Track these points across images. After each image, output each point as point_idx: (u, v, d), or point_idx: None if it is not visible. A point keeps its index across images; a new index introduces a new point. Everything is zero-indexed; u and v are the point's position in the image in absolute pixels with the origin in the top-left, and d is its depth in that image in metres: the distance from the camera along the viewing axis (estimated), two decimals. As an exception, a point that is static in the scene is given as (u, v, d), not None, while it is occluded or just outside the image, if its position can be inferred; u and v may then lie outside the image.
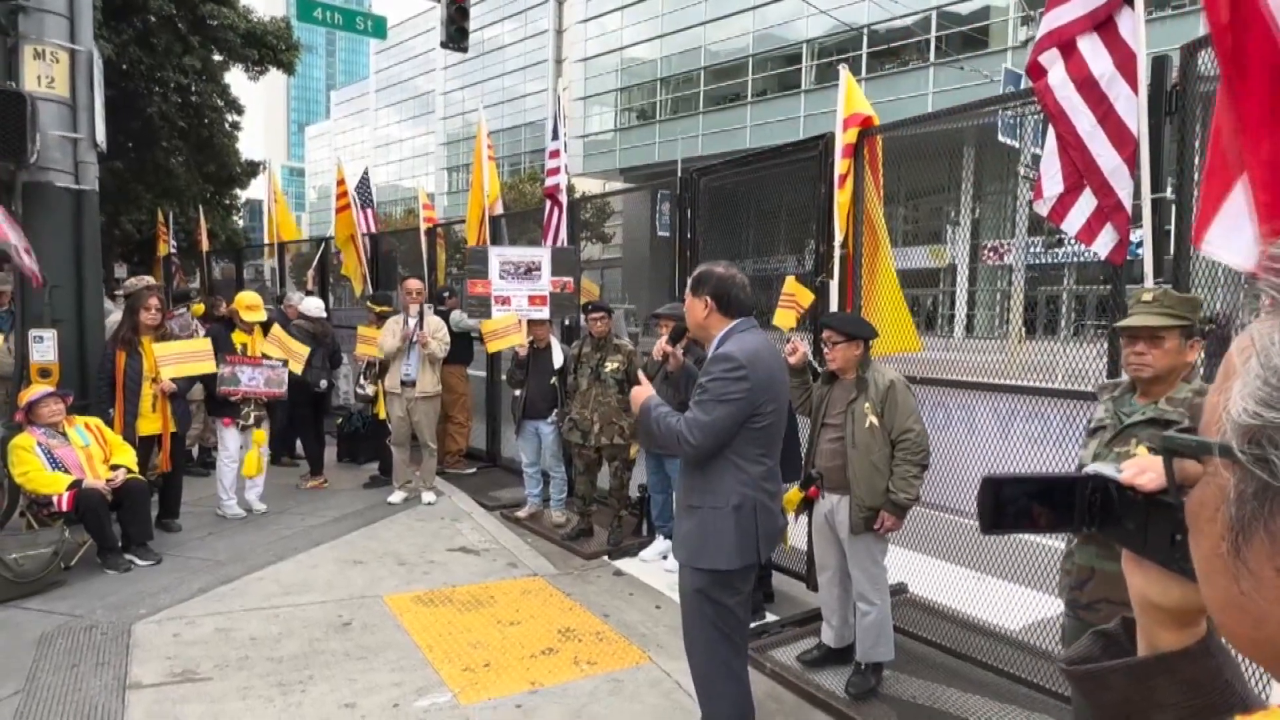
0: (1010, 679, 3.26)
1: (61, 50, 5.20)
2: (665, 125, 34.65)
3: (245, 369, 5.49)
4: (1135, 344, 2.20)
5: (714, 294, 2.53)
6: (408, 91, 62.78)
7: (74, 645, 3.54)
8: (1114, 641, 0.64)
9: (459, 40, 10.10)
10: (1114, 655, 0.62)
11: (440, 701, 3.11)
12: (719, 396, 2.40)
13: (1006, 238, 13.51)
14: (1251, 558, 0.40)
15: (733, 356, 2.42)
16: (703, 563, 2.50)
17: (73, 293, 5.34)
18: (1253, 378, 0.38)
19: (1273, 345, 0.38)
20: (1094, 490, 0.61)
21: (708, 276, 2.56)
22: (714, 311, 2.54)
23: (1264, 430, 0.37)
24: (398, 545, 5.01)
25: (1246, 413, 0.38)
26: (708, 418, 2.40)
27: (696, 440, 2.41)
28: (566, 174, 6.43)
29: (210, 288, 12.39)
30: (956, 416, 3.58)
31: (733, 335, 2.53)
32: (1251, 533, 0.39)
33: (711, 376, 2.43)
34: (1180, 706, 0.55)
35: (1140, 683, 0.57)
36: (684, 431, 2.42)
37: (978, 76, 20.06)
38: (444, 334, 5.88)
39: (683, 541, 2.57)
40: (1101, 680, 0.60)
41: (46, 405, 4.53)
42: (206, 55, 15.54)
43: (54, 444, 4.49)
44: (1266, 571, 0.39)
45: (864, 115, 3.79)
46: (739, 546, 2.48)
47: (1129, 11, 2.64)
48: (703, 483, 2.51)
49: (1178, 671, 0.56)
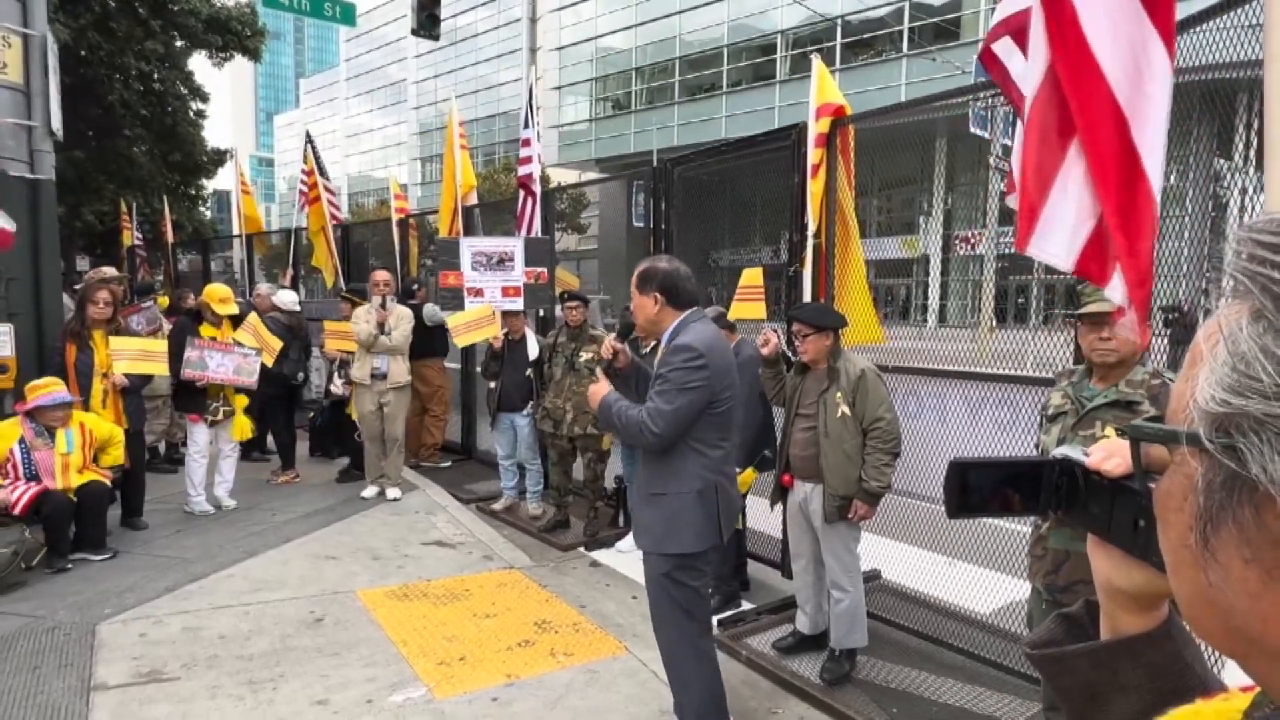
0: (981, 662, 3.31)
1: (14, 35, 5.03)
2: (640, 115, 34.52)
3: (214, 354, 5.31)
4: (1100, 329, 2.24)
5: (662, 288, 2.61)
6: (379, 80, 61.78)
7: (36, 647, 3.45)
8: (1077, 624, 0.64)
9: (430, 28, 9.94)
10: (1077, 638, 0.62)
11: (415, 696, 3.08)
12: (680, 385, 2.47)
13: (978, 228, 13.69)
14: (1220, 549, 0.39)
15: (693, 347, 2.49)
16: (669, 547, 2.57)
17: (29, 286, 5.19)
18: (1220, 364, 0.37)
19: (1240, 331, 0.37)
20: (1061, 474, 0.61)
21: (653, 273, 2.63)
22: (664, 306, 2.61)
23: (1232, 418, 0.36)
24: (371, 540, 4.96)
25: (1214, 400, 0.37)
26: (669, 407, 2.46)
27: (660, 429, 2.47)
28: (540, 163, 6.37)
29: (176, 280, 12.13)
30: (928, 404, 3.63)
31: (686, 326, 2.60)
32: (1220, 523, 0.38)
33: (672, 367, 2.49)
34: (1143, 689, 0.56)
35: (1103, 666, 0.58)
36: (646, 421, 2.48)
37: (950, 68, 20.24)
38: (405, 327, 5.79)
39: (646, 529, 2.64)
40: (1065, 663, 0.60)
41: (54, 414, 4.41)
42: (168, 40, 15.14)
43: (37, 444, 4.38)
44: (1235, 563, 0.38)
45: (836, 105, 3.79)
46: (704, 529, 2.56)
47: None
48: (665, 470, 2.57)
49: (1140, 655, 0.56)
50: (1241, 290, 0.38)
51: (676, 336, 2.57)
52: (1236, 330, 0.37)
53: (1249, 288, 0.37)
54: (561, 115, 37.77)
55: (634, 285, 2.68)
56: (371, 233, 10.57)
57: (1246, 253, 0.38)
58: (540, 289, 5.70)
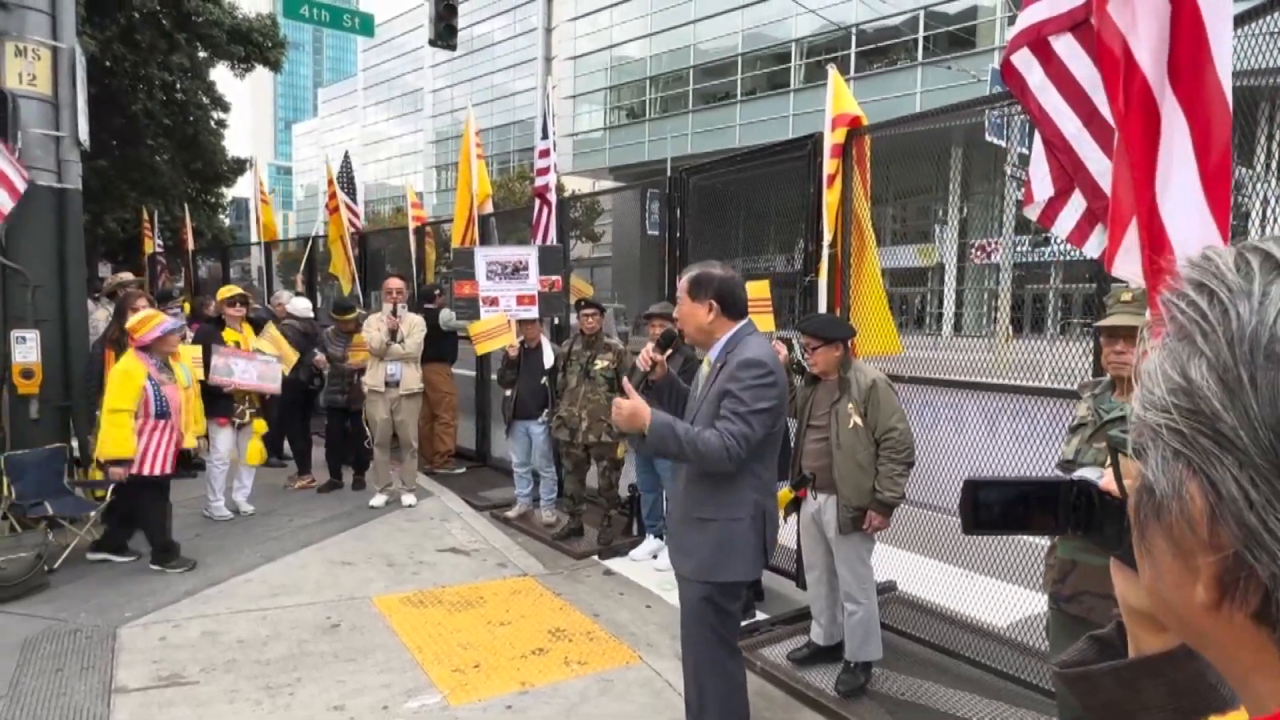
0: (997, 675, 3.28)
1: (43, 47, 5.15)
2: (654, 124, 34.64)
3: (239, 361, 5.42)
4: (1115, 343, 2.25)
5: (718, 296, 2.44)
6: (396, 89, 62.43)
7: (58, 649, 3.50)
8: (1108, 645, 0.64)
9: (447, 38, 10.05)
10: (1107, 659, 0.63)
11: (430, 703, 3.10)
12: (754, 405, 2.31)
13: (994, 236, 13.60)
14: (1153, 545, 0.43)
15: (763, 362, 2.35)
16: (719, 576, 2.42)
17: (56, 293, 5.28)
18: (1139, 383, 0.43)
19: (1151, 352, 0.42)
20: (1079, 494, 0.62)
21: (708, 279, 2.46)
22: (719, 315, 2.45)
23: (1143, 428, 0.42)
24: (387, 546, 4.99)
25: (1136, 413, 0.42)
26: (748, 430, 2.30)
27: (744, 453, 2.30)
28: (556, 173, 6.41)
29: (196, 287, 12.29)
30: (944, 415, 3.61)
31: (743, 339, 2.45)
32: (1146, 523, 0.43)
33: (744, 384, 2.33)
34: (1166, 709, 0.56)
35: (1127, 685, 0.58)
36: (731, 447, 2.28)
37: (965, 76, 20.18)
38: (418, 334, 5.82)
39: (693, 553, 2.46)
40: (1092, 682, 0.61)
41: (170, 341, 4.39)
42: (192, 52, 15.40)
43: (163, 378, 4.35)
44: (1164, 558, 0.43)
45: (852, 115, 3.80)
46: (755, 557, 2.45)
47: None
48: (718, 494, 2.40)
49: (1162, 673, 0.57)
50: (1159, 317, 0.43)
51: (734, 350, 2.41)
52: (1151, 352, 0.42)
53: (1164, 315, 0.42)
54: (576, 124, 37.99)
55: (683, 291, 2.50)
56: (388, 240, 10.67)
57: (1171, 283, 0.42)
58: (555, 297, 5.73)
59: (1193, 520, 0.39)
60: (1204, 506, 0.39)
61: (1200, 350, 0.38)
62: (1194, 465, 0.39)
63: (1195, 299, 0.39)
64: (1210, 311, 0.39)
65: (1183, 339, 0.40)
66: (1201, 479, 0.38)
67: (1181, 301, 0.40)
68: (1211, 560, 0.39)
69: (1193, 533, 0.40)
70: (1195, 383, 0.38)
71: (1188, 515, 0.40)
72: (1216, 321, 0.38)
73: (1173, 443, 0.39)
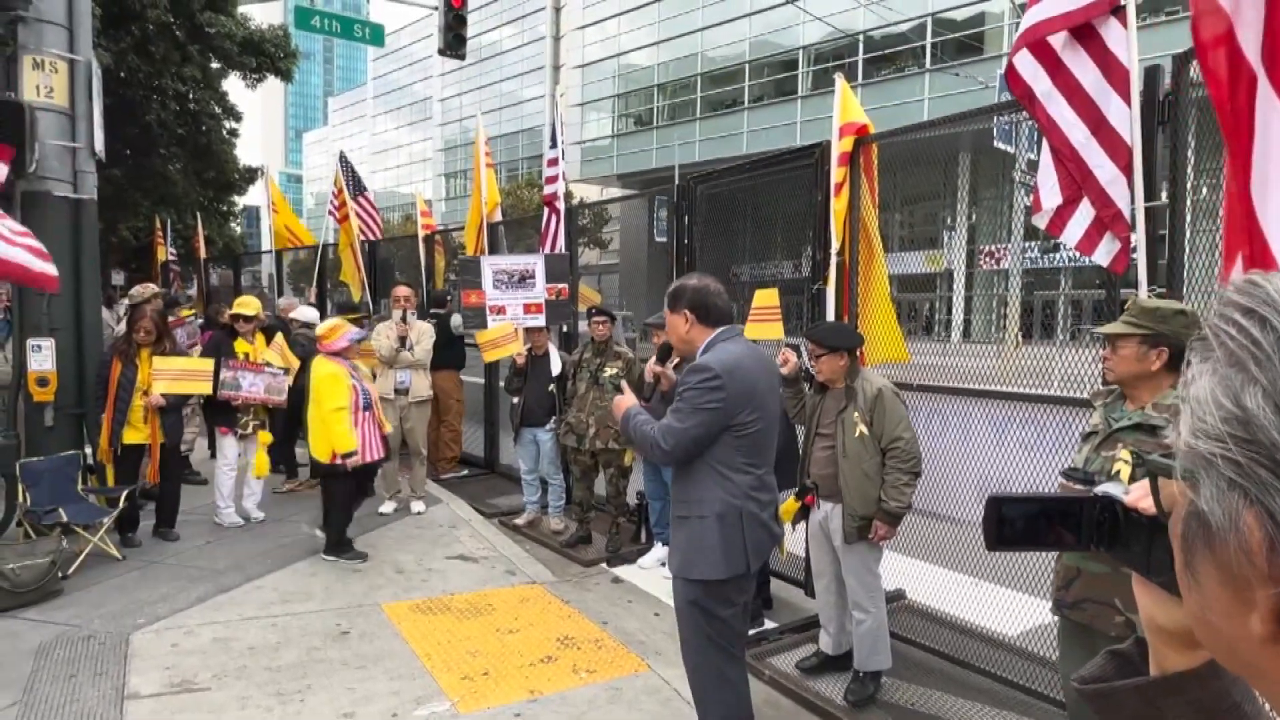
0: (1007, 684, 3.26)
1: (60, 60, 5.22)
2: (662, 131, 34.73)
3: (247, 374, 5.49)
4: (1106, 349, 2.28)
5: (691, 306, 2.59)
6: (405, 97, 62.89)
7: (72, 655, 3.53)
8: (1128, 661, 0.64)
9: (456, 47, 10.13)
10: (1127, 675, 0.62)
11: (439, 710, 3.11)
12: (694, 405, 2.45)
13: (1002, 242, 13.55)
14: (1201, 572, 0.43)
15: (709, 366, 2.47)
16: (692, 573, 2.52)
17: (71, 301, 5.34)
18: (1187, 409, 0.42)
19: (1196, 380, 0.41)
20: (1103, 510, 0.62)
21: (681, 290, 2.62)
22: (695, 324, 2.59)
23: (1193, 456, 0.41)
24: (396, 553, 5.01)
25: (1186, 441, 0.42)
26: (680, 425, 2.46)
27: (668, 446, 2.47)
28: (565, 182, 6.45)
29: (208, 295, 12.40)
30: (952, 423, 3.60)
31: (715, 345, 2.57)
32: (1194, 550, 0.43)
33: (687, 386, 2.49)
34: None
35: (1150, 703, 0.58)
36: (657, 438, 2.49)
37: (973, 82, 20.14)
38: (427, 341, 5.87)
39: (675, 551, 2.61)
40: (1113, 699, 0.61)
41: (354, 348, 4.81)
42: (204, 63, 15.57)
43: (359, 375, 4.80)
44: (1211, 585, 0.42)
45: (859, 123, 3.81)
46: (725, 556, 2.48)
47: (1115, 23, 2.67)
48: (688, 492, 2.55)
49: (1185, 692, 0.57)
50: (1211, 342, 0.42)
51: (702, 355, 2.57)
52: (1199, 379, 0.42)
53: (1213, 341, 0.41)
54: (584, 131, 38.12)
55: (666, 305, 2.68)
56: (397, 248, 10.73)
57: (1217, 309, 0.42)
58: (561, 305, 5.75)
59: (1250, 551, 0.38)
60: (1262, 538, 0.37)
61: (1254, 378, 0.37)
62: (1250, 496, 0.38)
63: (1245, 325, 0.39)
64: (1264, 338, 0.38)
65: (1233, 365, 0.39)
66: (1259, 509, 0.37)
67: (1231, 328, 0.40)
68: (1271, 593, 0.38)
69: (1250, 564, 0.39)
70: (1251, 411, 0.37)
71: (1245, 546, 0.39)
72: (1271, 348, 0.38)
73: (1228, 472, 0.38)
